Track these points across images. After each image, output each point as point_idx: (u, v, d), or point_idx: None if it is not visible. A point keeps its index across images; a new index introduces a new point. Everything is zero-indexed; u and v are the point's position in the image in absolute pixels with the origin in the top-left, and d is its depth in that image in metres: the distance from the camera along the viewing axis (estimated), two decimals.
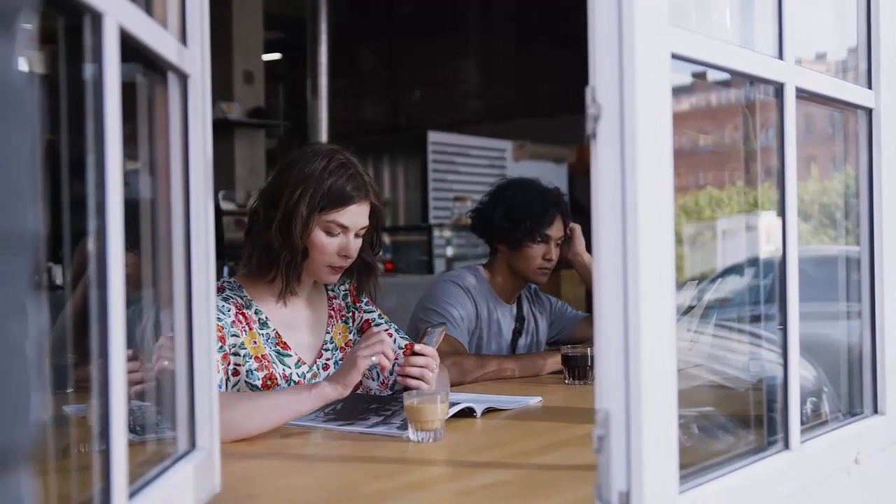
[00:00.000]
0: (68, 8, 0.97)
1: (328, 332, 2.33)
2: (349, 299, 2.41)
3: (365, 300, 2.43)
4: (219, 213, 4.05)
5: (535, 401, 2.32)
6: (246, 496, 1.49)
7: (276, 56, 10.49)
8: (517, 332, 3.09)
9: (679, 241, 1.28)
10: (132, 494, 1.08)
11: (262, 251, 2.19)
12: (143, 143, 1.31)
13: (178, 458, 1.31)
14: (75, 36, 1.01)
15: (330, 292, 2.38)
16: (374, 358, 1.96)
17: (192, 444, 1.35)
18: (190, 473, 1.29)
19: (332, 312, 2.36)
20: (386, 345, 1.99)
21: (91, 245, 1.00)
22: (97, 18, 0.98)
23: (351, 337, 2.36)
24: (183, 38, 1.33)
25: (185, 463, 1.30)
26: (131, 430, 1.13)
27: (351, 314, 2.40)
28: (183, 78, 1.33)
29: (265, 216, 2.18)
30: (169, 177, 1.34)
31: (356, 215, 2.20)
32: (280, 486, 1.58)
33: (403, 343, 2.37)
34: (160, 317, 1.42)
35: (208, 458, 1.37)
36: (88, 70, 1.00)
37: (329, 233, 2.18)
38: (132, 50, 1.10)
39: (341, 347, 2.34)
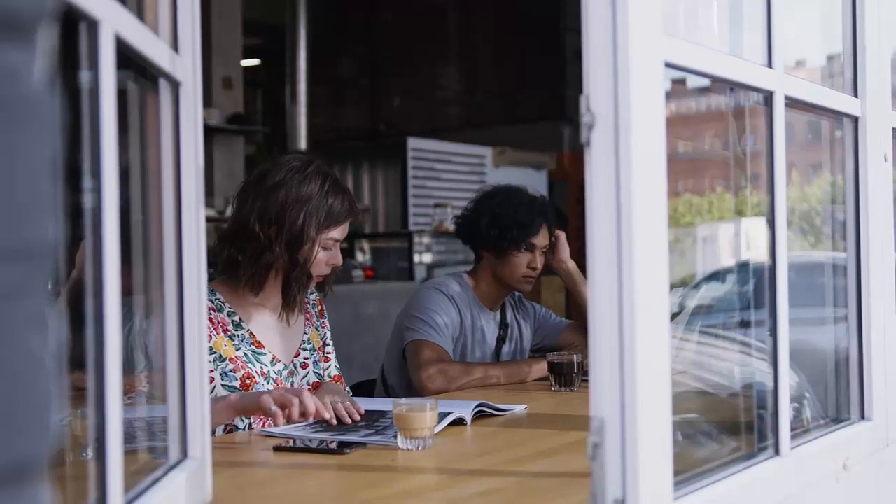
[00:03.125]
0: (63, 15, 0.96)
1: (306, 333, 2.42)
2: (317, 309, 2.50)
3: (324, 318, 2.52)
4: None
5: (520, 408, 2.33)
6: None
7: (254, 62, 10.46)
8: (501, 340, 3.10)
9: None
10: None
11: (264, 269, 2.24)
12: (133, 151, 1.30)
13: (170, 468, 1.30)
14: (68, 42, 1.00)
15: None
16: (273, 407, 1.90)
17: (184, 454, 1.34)
18: (182, 483, 1.28)
19: (308, 315, 2.45)
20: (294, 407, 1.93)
21: (86, 253, 1.00)
22: (93, 26, 0.98)
23: (322, 342, 2.47)
24: (175, 46, 1.32)
25: (177, 472, 1.29)
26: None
27: (321, 323, 2.50)
28: (175, 85, 1.32)
29: (265, 235, 2.21)
30: (160, 184, 1.33)
31: (346, 228, 2.32)
32: (271, 496, 1.57)
33: (334, 373, 2.43)
34: (150, 325, 1.41)
35: (200, 467, 1.36)
36: (84, 77, 1.00)
37: (325, 248, 2.28)
38: (124, 57, 1.09)
39: (319, 348, 2.44)
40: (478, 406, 2.17)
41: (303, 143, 8.74)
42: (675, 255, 1.81)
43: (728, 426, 1.72)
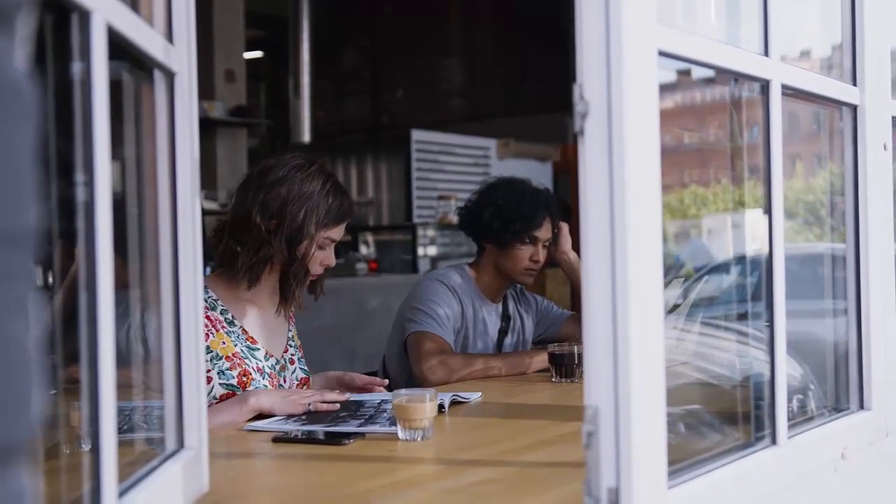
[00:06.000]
0: (55, 5, 0.96)
1: (290, 330, 2.45)
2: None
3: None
4: (201, 212, 4.09)
5: (475, 396, 2.34)
6: (233, 496, 1.49)
7: (257, 54, 10.46)
8: (503, 331, 3.09)
9: (664, 238, 1.28)
10: (121, 493, 1.07)
11: (262, 262, 2.26)
12: (128, 143, 1.30)
13: (166, 458, 1.30)
14: (60, 33, 1.00)
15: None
16: (311, 406, 2.11)
17: (181, 443, 1.35)
18: (178, 472, 1.28)
19: (292, 313, 2.47)
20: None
21: (79, 246, 1.00)
22: (85, 16, 0.98)
23: (299, 341, 2.50)
24: (169, 36, 1.32)
25: (173, 462, 1.29)
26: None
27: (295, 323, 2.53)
28: (170, 76, 1.32)
29: (265, 228, 2.22)
30: (155, 176, 1.33)
31: (343, 230, 2.34)
32: (268, 486, 1.58)
33: (301, 375, 2.43)
34: (147, 318, 1.41)
35: (196, 457, 1.37)
36: (76, 68, 1.00)
37: (321, 247, 2.29)
38: (118, 48, 1.09)
39: (299, 346, 2.47)
40: (452, 400, 2.20)
41: (306, 136, 8.73)
42: (681, 246, 1.81)
43: (726, 416, 1.72)
